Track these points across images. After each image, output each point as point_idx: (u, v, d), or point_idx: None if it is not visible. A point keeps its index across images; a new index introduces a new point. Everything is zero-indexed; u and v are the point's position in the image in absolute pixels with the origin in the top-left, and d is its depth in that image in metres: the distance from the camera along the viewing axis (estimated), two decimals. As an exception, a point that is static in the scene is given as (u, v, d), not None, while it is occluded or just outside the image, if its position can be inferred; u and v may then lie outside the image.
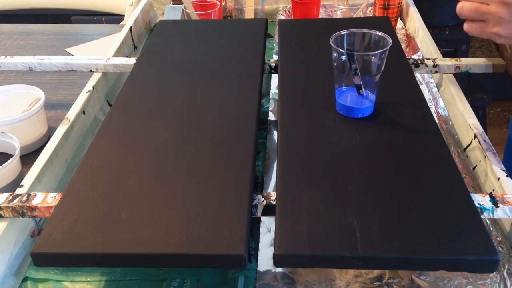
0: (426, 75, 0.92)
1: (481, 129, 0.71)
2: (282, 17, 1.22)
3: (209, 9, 1.08)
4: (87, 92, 0.83)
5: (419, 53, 1.00)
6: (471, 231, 0.50)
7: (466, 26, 0.69)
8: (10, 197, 0.59)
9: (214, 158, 0.60)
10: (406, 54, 0.85)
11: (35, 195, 0.59)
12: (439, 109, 0.84)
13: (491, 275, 0.56)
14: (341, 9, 1.12)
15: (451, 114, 0.81)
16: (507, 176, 0.63)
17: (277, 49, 0.99)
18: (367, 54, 0.64)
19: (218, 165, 0.59)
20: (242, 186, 0.56)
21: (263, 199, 0.57)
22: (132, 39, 1.08)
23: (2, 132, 0.72)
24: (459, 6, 0.67)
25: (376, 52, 0.63)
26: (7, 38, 1.23)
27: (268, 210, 0.56)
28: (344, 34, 0.66)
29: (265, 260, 0.58)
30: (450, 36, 1.60)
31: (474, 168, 0.70)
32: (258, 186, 0.70)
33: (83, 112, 0.80)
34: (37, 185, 0.65)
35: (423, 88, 0.89)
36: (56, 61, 0.90)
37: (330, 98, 0.69)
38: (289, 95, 0.73)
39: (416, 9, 1.11)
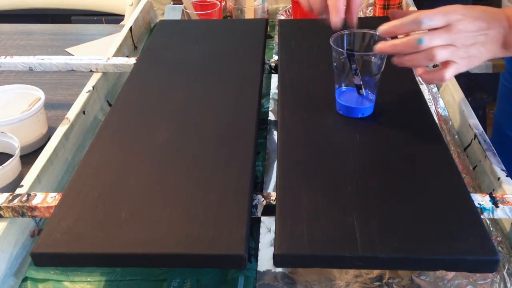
0: (426, 75, 0.92)
1: (481, 129, 0.71)
2: (282, 17, 1.22)
3: (209, 9, 1.08)
4: (87, 92, 0.83)
5: (419, 53, 0.99)
6: (471, 231, 0.50)
7: (447, 73, 0.58)
8: (10, 197, 0.59)
9: (214, 158, 0.60)
10: (406, 54, 0.85)
11: (35, 195, 0.59)
12: (439, 109, 0.84)
13: (491, 275, 0.56)
14: (341, 9, 1.11)
15: (451, 114, 0.81)
16: (507, 176, 0.63)
17: (277, 49, 0.99)
18: (367, 54, 0.64)
19: (218, 165, 0.59)
20: (242, 186, 0.56)
21: (263, 199, 0.57)
22: (132, 39, 1.08)
23: (2, 132, 0.72)
24: (425, 41, 0.56)
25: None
26: (7, 38, 1.23)
27: (268, 210, 0.56)
28: (344, 34, 0.66)
29: (265, 260, 0.58)
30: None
31: (474, 168, 0.70)
32: (258, 186, 0.70)
33: (83, 112, 0.80)
34: (37, 185, 0.65)
35: (423, 88, 0.89)
36: (56, 61, 0.90)
37: (330, 98, 0.69)
38: (289, 95, 0.73)
39: (416, 9, 1.11)
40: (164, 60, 0.84)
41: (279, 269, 0.58)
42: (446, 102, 0.84)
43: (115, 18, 1.71)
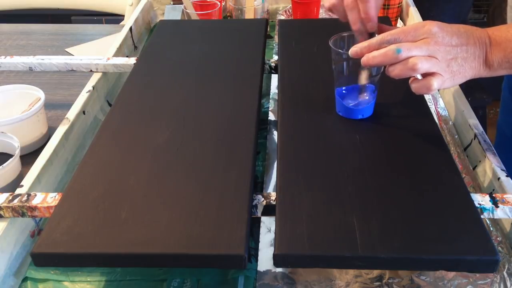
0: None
1: (481, 129, 0.71)
2: (282, 17, 1.22)
3: (209, 9, 1.09)
4: (87, 92, 0.83)
5: (419, 53, 0.99)
6: (471, 231, 0.50)
7: (431, 82, 0.57)
8: (10, 197, 0.59)
9: (214, 158, 0.60)
10: (406, 54, 0.85)
11: (35, 195, 0.59)
12: (439, 109, 0.84)
13: (491, 275, 0.56)
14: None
15: (451, 114, 0.81)
16: (507, 176, 0.63)
17: (277, 49, 0.99)
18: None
19: (218, 165, 0.59)
20: (242, 186, 0.56)
21: (263, 199, 0.57)
22: (132, 39, 1.08)
23: (2, 132, 0.72)
24: (410, 59, 0.56)
25: None
26: (7, 38, 1.23)
27: (268, 210, 0.56)
28: (344, 35, 0.66)
29: (265, 260, 0.58)
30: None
31: (474, 168, 0.70)
32: (258, 186, 0.70)
33: (83, 112, 0.80)
34: (37, 185, 0.65)
35: (423, 88, 0.89)
36: (56, 61, 0.90)
37: (330, 99, 0.69)
38: (289, 95, 0.73)
39: (416, 9, 1.11)
40: (164, 60, 0.84)
41: (279, 269, 0.58)
42: (446, 102, 0.85)
43: (115, 18, 1.72)
